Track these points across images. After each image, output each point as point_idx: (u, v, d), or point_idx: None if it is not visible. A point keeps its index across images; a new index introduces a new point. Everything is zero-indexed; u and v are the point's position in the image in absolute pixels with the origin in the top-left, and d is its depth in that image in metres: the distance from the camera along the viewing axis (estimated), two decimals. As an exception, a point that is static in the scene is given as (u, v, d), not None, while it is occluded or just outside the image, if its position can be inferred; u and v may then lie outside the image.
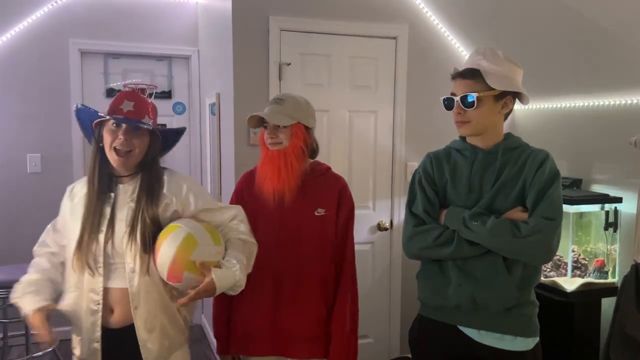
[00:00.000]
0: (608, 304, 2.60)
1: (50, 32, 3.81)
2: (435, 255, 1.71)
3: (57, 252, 1.77)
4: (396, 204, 3.37)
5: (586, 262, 2.71)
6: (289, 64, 3.06)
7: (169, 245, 1.58)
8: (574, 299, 2.60)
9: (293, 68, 3.08)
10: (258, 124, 1.88)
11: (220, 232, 1.72)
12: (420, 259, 1.81)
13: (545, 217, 1.59)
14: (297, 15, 3.07)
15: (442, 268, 1.73)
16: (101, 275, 1.64)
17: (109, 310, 1.66)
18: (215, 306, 2.00)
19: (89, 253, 1.63)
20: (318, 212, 1.88)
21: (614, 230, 2.66)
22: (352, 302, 1.93)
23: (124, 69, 4.11)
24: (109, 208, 1.66)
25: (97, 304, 1.64)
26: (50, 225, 1.81)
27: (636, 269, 2.34)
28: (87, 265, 1.63)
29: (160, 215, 1.68)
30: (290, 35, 3.07)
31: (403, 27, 3.29)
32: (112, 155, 1.64)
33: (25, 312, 1.58)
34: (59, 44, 3.84)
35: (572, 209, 2.61)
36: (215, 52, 3.63)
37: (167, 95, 4.23)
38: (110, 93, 4.02)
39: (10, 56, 3.75)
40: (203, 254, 1.60)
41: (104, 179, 1.68)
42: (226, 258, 1.66)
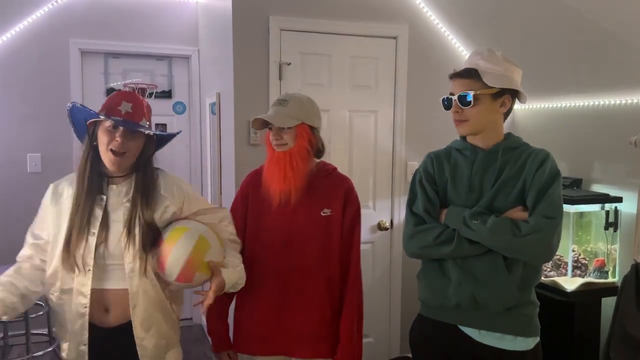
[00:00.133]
0: (608, 303, 2.60)
1: (50, 32, 3.81)
2: (435, 254, 1.71)
3: (39, 262, 1.69)
4: (396, 204, 3.37)
5: (586, 262, 2.72)
6: (289, 64, 3.06)
7: (183, 247, 1.59)
8: (574, 299, 2.60)
9: (293, 68, 3.08)
10: (262, 126, 1.89)
11: None
12: (420, 258, 1.81)
13: (545, 216, 1.59)
14: (297, 15, 3.08)
15: (443, 267, 1.73)
16: (90, 277, 1.61)
17: (103, 310, 1.64)
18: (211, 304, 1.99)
19: (77, 253, 1.60)
20: (324, 213, 1.88)
21: (614, 230, 2.67)
22: (359, 304, 1.93)
23: (124, 69, 4.11)
24: (100, 209, 1.63)
25: (85, 306, 1.61)
26: (29, 236, 1.72)
27: (636, 269, 2.34)
28: (76, 265, 1.60)
29: (160, 217, 1.68)
30: (290, 35, 3.07)
31: (403, 27, 3.29)
32: (109, 156, 1.62)
33: None
34: (59, 43, 3.84)
35: (572, 208, 2.62)
36: (215, 52, 3.63)
37: (167, 95, 4.24)
38: (111, 93, 4.01)
39: (10, 56, 3.75)
40: (213, 254, 1.65)
41: (94, 179, 1.64)
42: (228, 258, 1.71)
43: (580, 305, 2.62)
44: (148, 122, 1.69)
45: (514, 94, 1.72)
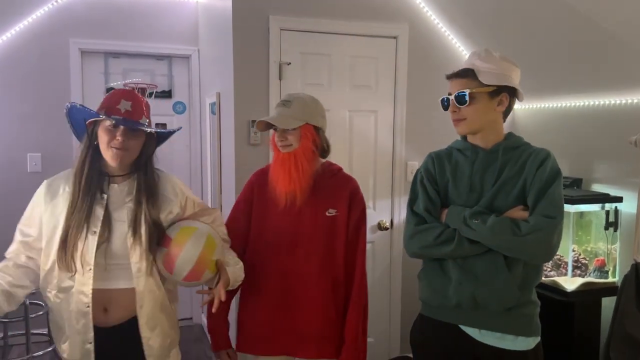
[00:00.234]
0: (608, 303, 2.60)
1: (50, 32, 3.81)
2: (436, 253, 1.71)
3: (25, 259, 1.68)
4: (396, 204, 3.37)
5: (586, 262, 2.72)
6: (289, 64, 3.06)
7: (193, 246, 1.61)
8: (574, 299, 2.60)
9: (293, 67, 3.08)
10: (267, 127, 1.89)
11: None
12: (421, 258, 1.82)
13: (545, 216, 1.59)
14: (297, 14, 3.08)
15: (443, 267, 1.73)
16: (91, 277, 1.59)
17: (102, 310, 1.63)
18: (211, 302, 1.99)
19: (75, 252, 1.58)
20: (329, 213, 1.88)
21: (614, 230, 2.67)
22: (365, 304, 1.94)
23: (124, 69, 4.11)
24: (101, 208, 1.62)
25: (87, 306, 1.60)
26: (17, 233, 1.71)
27: (636, 269, 2.34)
28: (73, 264, 1.58)
29: (165, 217, 1.69)
30: (290, 35, 3.07)
31: (403, 27, 3.29)
32: (110, 151, 1.60)
33: None
34: (59, 43, 3.83)
35: (573, 208, 2.62)
36: (215, 52, 3.63)
37: (167, 94, 4.23)
38: (110, 92, 4.03)
39: (10, 56, 3.74)
40: (219, 252, 1.68)
41: (93, 177, 1.63)
42: (228, 256, 1.74)
43: (580, 305, 2.62)
44: (148, 120, 1.68)
45: (512, 93, 1.72)
